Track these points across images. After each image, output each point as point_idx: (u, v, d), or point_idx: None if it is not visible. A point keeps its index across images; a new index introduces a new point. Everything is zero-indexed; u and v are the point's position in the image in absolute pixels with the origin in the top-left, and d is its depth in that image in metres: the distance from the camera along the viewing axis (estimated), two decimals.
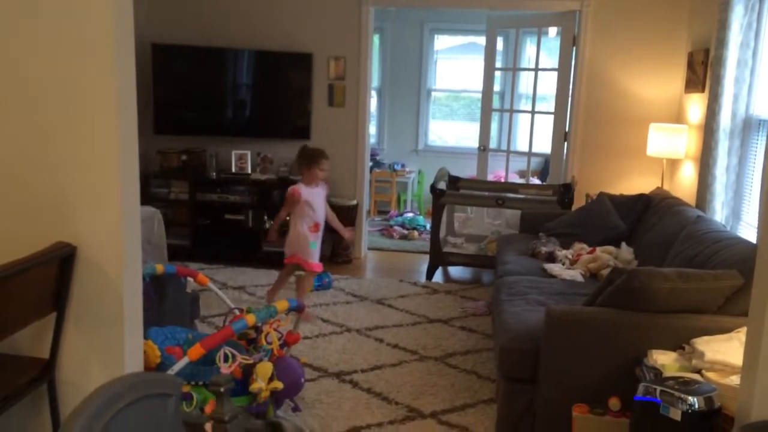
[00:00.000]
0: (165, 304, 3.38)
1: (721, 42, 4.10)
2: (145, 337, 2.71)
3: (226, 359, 2.68)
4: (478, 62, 6.54)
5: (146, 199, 5.58)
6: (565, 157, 5.80)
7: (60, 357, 2.34)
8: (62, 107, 2.22)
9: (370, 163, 7.05)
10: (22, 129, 2.25)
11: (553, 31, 6.53)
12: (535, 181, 7.24)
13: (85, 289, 2.31)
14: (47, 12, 2.18)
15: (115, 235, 2.25)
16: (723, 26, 4.08)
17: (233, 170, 5.82)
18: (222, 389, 1.92)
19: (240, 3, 5.81)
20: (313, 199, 4.43)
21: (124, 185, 2.26)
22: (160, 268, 3.32)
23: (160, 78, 5.73)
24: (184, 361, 2.61)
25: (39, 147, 2.25)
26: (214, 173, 5.80)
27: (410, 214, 7.60)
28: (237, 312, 3.25)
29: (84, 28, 2.17)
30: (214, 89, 5.92)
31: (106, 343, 2.33)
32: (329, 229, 4.74)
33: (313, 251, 4.47)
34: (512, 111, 6.69)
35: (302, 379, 2.98)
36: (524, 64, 7.89)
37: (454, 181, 5.95)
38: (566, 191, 5.32)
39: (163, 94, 5.77)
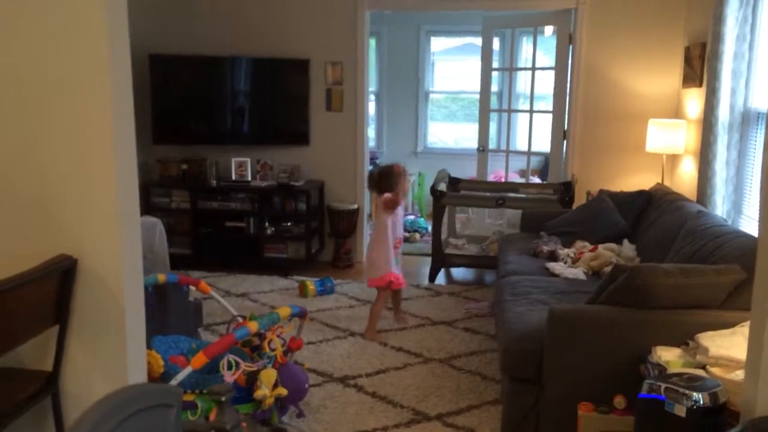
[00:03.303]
0: (168, 313, 3.38)
1: (717, 36, 4.09)
2: (149, 347, 2.71)
3: (229, 367, 2.68)
4: (476, 63, 6.53)
5: (147, 209, 5.60)
6: (564, 156, 5.80)
7: (63, 369, 2.35)
8: (56, 119, 2.22)
9: (370, 167, 7.04)
10: (17, 142, 2.26)
11: (549, 29, 6.53)
12: (536, 180, 7.22)
13: (87, 301, 2.31)
14: (40, 25, 2.18)
15: (115, 246, 2.26)
16: (719, 20, 4.07)
17: (233, 178, 5.82)
18: (223, 398, 1.92)
19: (236, 12, 5.82)
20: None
21: (121, 195, 2.26)
22: (162, 277, 3.33)
23: (158, 88, 5.73)
24: (188, 370, 2.61)
25: (33, 159, 2.26)
26: (215, 181, 5.81)
27: (411, 217, 7.58)
28: (240, 319, 3.25)
29: (78, 40, 2.17)
30: (212, 98, 5.92)
31: (109, 354, 2.34)
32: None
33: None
34: (510, 111, 6.69)
35: (306, 385, 2.98)
36: (521, 63, 7.89)
37: (454, 183, 5.94)
38: (567, 189, 5.31)
39: (162, 104, 5.77)
